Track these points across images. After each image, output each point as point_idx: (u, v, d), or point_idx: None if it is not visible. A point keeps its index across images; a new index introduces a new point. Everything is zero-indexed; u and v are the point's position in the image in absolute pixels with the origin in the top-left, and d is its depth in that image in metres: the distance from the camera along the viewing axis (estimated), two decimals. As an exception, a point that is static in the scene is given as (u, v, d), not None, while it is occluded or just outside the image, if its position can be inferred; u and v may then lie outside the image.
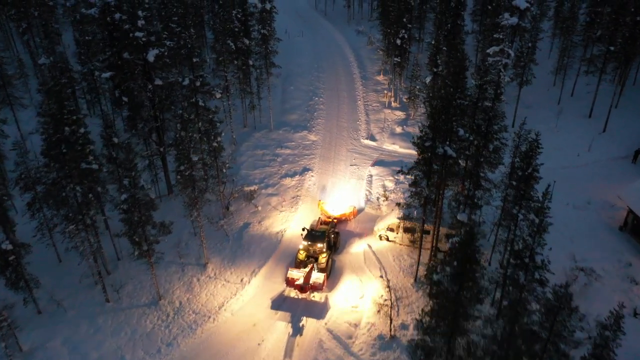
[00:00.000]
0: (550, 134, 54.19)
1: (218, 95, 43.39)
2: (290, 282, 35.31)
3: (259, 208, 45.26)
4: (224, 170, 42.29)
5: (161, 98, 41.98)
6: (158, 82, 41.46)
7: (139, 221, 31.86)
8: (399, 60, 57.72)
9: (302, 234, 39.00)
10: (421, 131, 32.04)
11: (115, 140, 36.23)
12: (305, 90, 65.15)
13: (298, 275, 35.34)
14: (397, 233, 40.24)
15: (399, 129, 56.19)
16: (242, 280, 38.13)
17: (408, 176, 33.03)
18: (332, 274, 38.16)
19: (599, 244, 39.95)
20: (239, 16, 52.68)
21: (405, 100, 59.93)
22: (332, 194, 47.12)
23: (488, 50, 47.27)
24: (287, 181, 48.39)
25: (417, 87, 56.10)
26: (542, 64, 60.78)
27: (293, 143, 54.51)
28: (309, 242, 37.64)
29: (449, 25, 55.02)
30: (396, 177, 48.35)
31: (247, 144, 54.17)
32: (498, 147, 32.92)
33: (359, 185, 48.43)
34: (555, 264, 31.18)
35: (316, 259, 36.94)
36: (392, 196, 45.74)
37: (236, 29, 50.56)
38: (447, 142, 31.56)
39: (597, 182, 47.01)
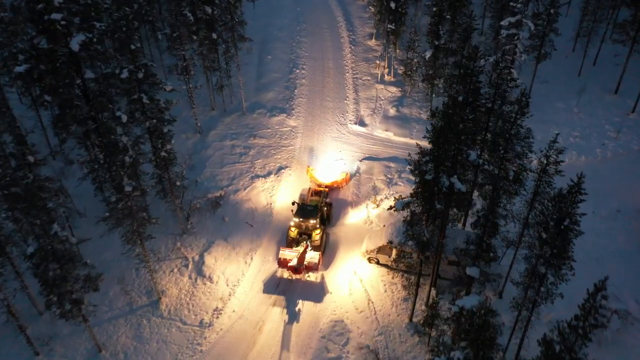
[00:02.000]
0: (570, 116, 46.42)
1: (168, 89, 34.95)
2: (282, 263, 32.85)
3: (227, 219, 38.02)
4: (178, 183, 34.55)
5: (95, 95, 33.52)
6: (89, 74, 32.82)
7: (55, 278, 24.66)
8: (394, 27, 48.56)
9: (292, 209, 35.63)
10: (419, 155, 24.30)
11: (31, 159, 28.45)
12: (285, 61, 56.07)
13: (291, 255, 32.72)
14: (390, 256, 33.32)
15: (392, 111, 47.97)
16: (201, 321, 31.53)
17: (402, 210, 25.53)
18: (327, 250, 35.30)
19: (631, 268, 33.25)
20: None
21: (400, 72, 51.31)
22: (322, 159, 42.49)
23: (502, 22, 38.43)
24: (260, 183, 40.79)
25: (415, 59, 47.39)
26: (560, 25, 51.85)
27: (269, 130, 46.41)
28: (301, 218, 34.26)
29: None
30: (388, 177, 40.86)
31: (215, 133, 46.05)
32: (520, 173, 25.32)
33: (345, 186, 41.00)
34: (580, 296, 25.19)
35: (309, 236, 34.10)
36: (384, 203, 38.39)
37: (195, -5, 41.18)
38: (453, 169, 23.89)
39: (627, 181, 39.66)
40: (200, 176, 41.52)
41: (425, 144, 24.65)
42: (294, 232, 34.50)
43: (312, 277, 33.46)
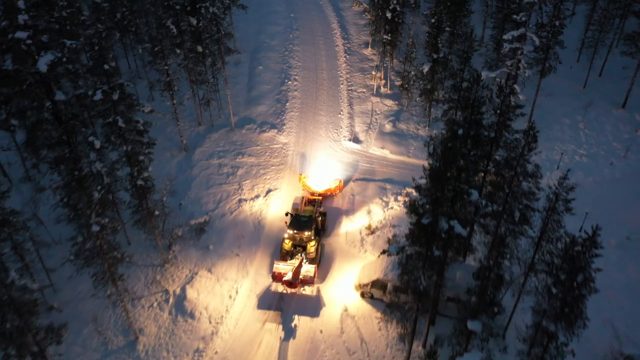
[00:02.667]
0: (576, 133, 44.04)
1: (146, 110, 32.54)
2: (277, 277, 31.44)
3: (211, 247, 35.60)
4: (157, 213, 32.13)
5: (67, 117, 31.10)
6: (60, 96, 30.39)
7: (13, 330, 22.28)
8: (390, 38, 46.11)
9: (285, 221, 34.70)
10: (416, 191, 21.92)
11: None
12: (277, 71, 53.63)
13: (285, 269, 31.44)
14: (386, 292, 30.96)
15: (389, 126, 45.55)
16: (181, 365, 29.18)
17: (395, 254, 23.12)
18: (322, 261, 33.97)
19: (645, 305, 30.93)
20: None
21: (397, 84, 48.91)
22: (315, 166, 41.25)
23: (505, 36, 36.01)
24: (247, 206, 38.37)
25: (412, 72, 44.99)
26: (564, 34, 49.42)
27: (258, 148, 43.99)
28: (295, 230, 33.25)
29: (452, -7, 43.12)
30: (384, 199, 38.49)
31: (201, 150, 43.60)
32: (525, 213, 22.92)
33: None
34: (588, 341, 23.04)
35: (304, 248, 33.04)
36: (379, 230, 36.00)
37: (177, 6, 38.66)
38: (453, 211, 21.50)
39: (638, 205, 37.29)
40: (185, 199, 39.13)
41: (424, 162, 22.34)
42: (288, 245, 33.29)
43: (307, 290, 32.25)
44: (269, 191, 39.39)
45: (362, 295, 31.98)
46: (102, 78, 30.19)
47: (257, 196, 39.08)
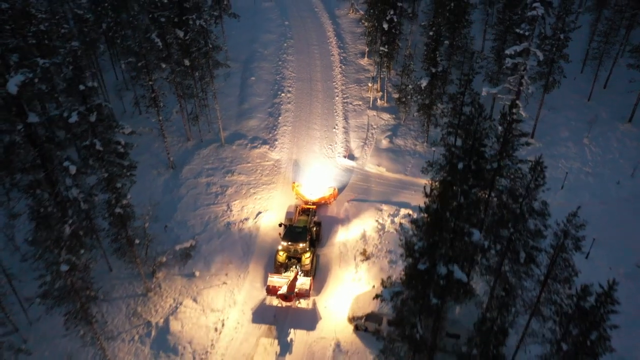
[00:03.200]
0: (581, 149, 42.13)
1: (127, 131, 30.59)
2: (271, 291, 30.54)
3: (197, 273, 33.69)
4: (137, 242, 30.22)
5: (42, 140, 29.24)
6: (33, 118, 28.52)
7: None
8: (387, 50, 44.21)
9: (279, 232, 33.80)
10: (412, 239, 20.02)
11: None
12: (270, 82, 51.73)
13: (280, 282, 30.55)
14: (381, 325, 29.08)
15: (385, 142, 43.66)
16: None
17: (389, 301, 21.19)
18: (318, 272, 33.03)
19: (657, 339, 29.01)
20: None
21: (394, 96, 47.03)
22: (308, 174, 40.24)
23: (507, 51, 34.12)
24: (236, 229, 36.47)
25: (410, 86, 43.11)
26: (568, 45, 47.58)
27: (249, 165, 42.08)
28: (289, 242, 32.25)
29: (452, 4, 41.27)
30: (380, 222, 36.58)
31: (189, 168, 41.69)
32: (531, 253, 21.03)
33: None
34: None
35: (299, 260, 31.98)
36: (374, 257, 34.08)
37: (162, 18, 36.75)
38: (452, 253, 19.60)
39: (647, 228, 35.43)
40: (171, 221, 37.26)
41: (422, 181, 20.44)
42: (282, 257, 32.24)
43: (303, 303, 31.19)
44: (258, 213, 37.46)
45: (356, 328, 30.09)
46: (78, 99, 28.35)
47: (247, 219, 37.15)
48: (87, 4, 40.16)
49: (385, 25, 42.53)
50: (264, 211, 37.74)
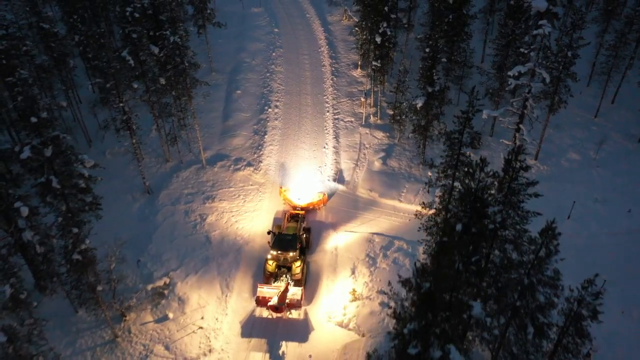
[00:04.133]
0: (588, 172, 39.26)
1: (89, 165, 27.58)
2: (261, 302, 29.50)
3: (171, 315, 30.79)
4: (100, 289, 27.24)
5: (-8, 176, 26.32)
6: (-20, 153, 25.61)
7: None
8: (380, 64, 41.17)
9: (268, 241, 32.40)
10: (405, 287, 17.10)
11: None
12: (256, 96, 48.67)
13: (270, 292, 29.55)
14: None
15: (378, 164, 40.68)
16: None
17: None
18: (309, 281, 31.88)
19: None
20: (145, 5, 35.37)
21: (389, 112, 44.05)
22: (296, 179, 39.05)
23: (510, 72, 31.12)
24: (214, 266, 33.49)
25: (404, 104, 40.16)
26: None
27: (231, 189, 39.08)
28: (279, 251, 31.04)
29: (450, 18, 38.26)
30: (371, 255, 33.69)
31: (167, 193, 38.70)
32: (540, 327, 18.10)
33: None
34: None
35: (289, 269, 30.99)
36: (364, 298, 31.15)
37: (134, 34, 33.67)
38: (448, 331, 16.67)
39: (661, 265, 32.56)
40: (144, 254, 34.33)
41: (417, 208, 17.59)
42: (271, 266, 31.09)
43: (294, 314, 30.17)
44: (239, 249, 34.38)
45: (344, 383, 27.26)
46: (32, 131, 25.36)
47: (226, 253, 34.15)
48: (56, 17, 36.98)
49: (378, 39, 39.48)
50: (245, 245, 34.71)
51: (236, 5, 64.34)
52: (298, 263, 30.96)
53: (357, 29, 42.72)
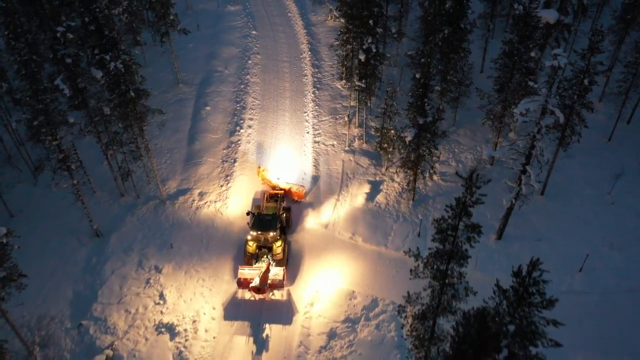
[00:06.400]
0: (602, 210, 34.54)
1: (1, 233, 22.43)
2: (243, 284, 29.17)
3: (113, 400, 26.08)
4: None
5: None
6: None
7: None
8: (364, 85, 35.77)
9: (247, 222, 32.06)
10: None
11: None
12: (228, 113, 43.26)
13: (252, 274, 29.14)
14: None
15: (362, 199, 35.61)
16: None
17: None
18: (290, 261, 31.47)
19: None
20: (87, 20, 29.81)
21: (374, 133, 38.89)
22: (274, 161, 38.33)
23: (515, 110, 25.86)
24: (166, 339, 28.50)
25: (391, 131, 34.97)
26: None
27: (193, 232, 33.98)
28: (259, 231, 30.43)
29: (445, 33, 32.82)
30: (351, 317, 28.84)
31: (118, 237, 33.68)
32: None
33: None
34: None
35: (270, 249, 30.59)
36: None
37: (68, 59, 28.15)
38: None
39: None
40: (87, 315, 29.51)
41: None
42: (252, 247, 30.58)
43: (277, 295, 29.75)
44: (193, 322, 29.17)
45: None
46: None
47: (183, 317, 29.21)
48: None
49: (362, 56, 33.99)
50: (206, 312, 29.65)
51: (211, 2, 58.33)
52: (279, 243, 30.55)
53: (336, 41, 37.09)
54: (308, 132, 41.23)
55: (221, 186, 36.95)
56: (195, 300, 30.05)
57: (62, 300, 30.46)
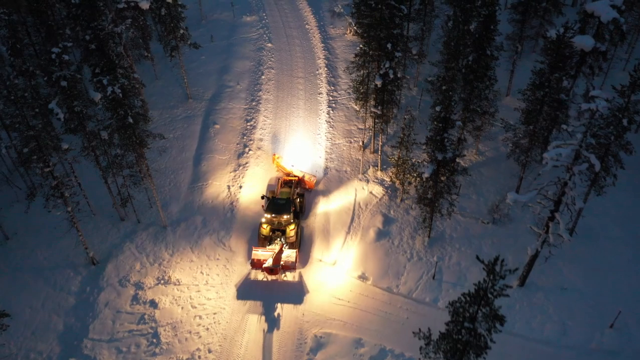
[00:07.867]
0: (637, 256, 31.30)
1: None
2: (256, 264, 30.06)
3: None
4: None
5: None
6: None
7: None
8: (380, 112, 33.46)
9: (262, 205, 33.39)
10: None
11: None
12: (237, 133, 41.31)
13: (265, 255, 30.09)
14: None
15: (373, 233, 33.27)
16: None
17: None
18: (302, 244, 32.52)
19: None
20: (88, 37, 28.26)
21: (390, 160, 36.49)
22: (288, 149, 39.24)
23: (547, 154, 23.26)
24: (159, 378, 26.77)
25: (408, 162, 32.60)
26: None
27: (193, 264, 32.07)
28: (273, 214, 31.48)
29: (469, 59, 30.33)
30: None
31: (114, 266, 31.97)
32: None
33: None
34: None
35: (283, 232, 31.58)
36: None
37: (63, 82, 26.48)
38: None
39: None
40: (77, 353, 27.75)
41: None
42: (266, 230, 31.61)
43: (289, 276, 30.68)
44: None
45: None
46: None
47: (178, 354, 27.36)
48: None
49: (379, 82, 31.66)
50: (207, 353, 27.72)
51: (226, 13, 56.49)
52: (292, 226, 31.30)
53: (352, 64, 34.81)
54: (320, 157, 39.03)
55: (226, 213, 34.98)
56: (191, 340, 28.13)
57: (52, 333, 28.88)
